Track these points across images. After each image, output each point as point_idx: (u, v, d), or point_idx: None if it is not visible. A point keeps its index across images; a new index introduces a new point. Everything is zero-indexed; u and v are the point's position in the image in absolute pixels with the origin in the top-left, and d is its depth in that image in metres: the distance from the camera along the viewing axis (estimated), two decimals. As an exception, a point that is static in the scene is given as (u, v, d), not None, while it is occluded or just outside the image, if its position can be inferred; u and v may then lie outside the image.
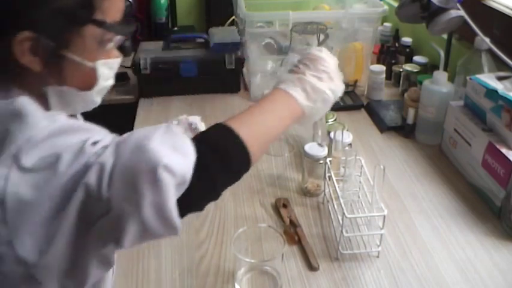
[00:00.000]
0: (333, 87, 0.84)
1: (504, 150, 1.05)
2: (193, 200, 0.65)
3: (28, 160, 0.58)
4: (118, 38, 0.73)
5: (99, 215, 0.58)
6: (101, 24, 0.68)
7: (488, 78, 1.15)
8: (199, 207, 0.68)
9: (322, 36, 1.64)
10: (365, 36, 1.62)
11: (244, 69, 1.70)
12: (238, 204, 1.13)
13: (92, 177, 0.57)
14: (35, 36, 0.64)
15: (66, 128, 0.62)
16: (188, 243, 1.01)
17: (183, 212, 0.62)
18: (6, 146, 0.59)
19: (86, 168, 0.58)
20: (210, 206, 1.11)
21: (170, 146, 0.60)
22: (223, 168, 0.66)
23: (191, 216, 1.08)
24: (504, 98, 1.06)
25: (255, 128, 0.73)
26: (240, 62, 1.63)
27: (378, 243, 0.97)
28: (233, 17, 1.85)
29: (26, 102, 0.63)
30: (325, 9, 1.79)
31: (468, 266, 0.95)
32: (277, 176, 1.23)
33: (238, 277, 0.92)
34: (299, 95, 0.80)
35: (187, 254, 0.99)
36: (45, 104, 0.70)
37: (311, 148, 1.12)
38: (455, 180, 1.21)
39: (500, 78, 1.15)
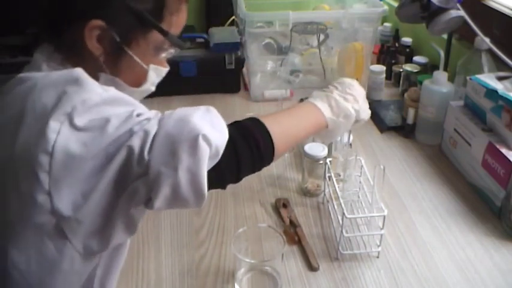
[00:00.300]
0: (357, 107, 0.94)
1: (504, 150, 1.05)
2: (219, 176, 0.71)
3: (80, 120, 0.63)
4: (172, 51, 0.82)
5: (136, 177, 0.63)
6: (165, 33, 0.76)
7: (488, 78, 1.15)
8: (223, 184, 0.75)
9: (322, 36, 1.64)
10: (365, 36, 1.62)
11: (244, 69, 1.70)
12: (238, 204, 1.13)
13: (135, 141, 0.63)
14: (106, 27, 0.72)
15: (117, 99, 0.68)
16: (188, 243, 1.01)
17: (208, 186, 0.67)
18: (62, 104, 0.64)
19: (131, 133, 0.63)
20: (210, 206, 1.12)
21: (209, 122, 0.67)
22: (250, 153, 0.74)
23: (191, 216, 1.09)
24: (504, 98, 1.06)
25: (282, 126, 0.82)
26: (240, 62, 1.63)
27: (378, 243, 0.97)
28: (233, 17, 1.85)
29: (83, 72, 0.69)
30: (325, 9, 1.79)
31: (468, 266, 0.95)
32: (277, 176, 1.23)
33: (238, 277, 0.91)
34: (324, 108, 0.90)
35: (187, 254, 0.99)
36: None
37: (311, 148, 1.12)
38: (455, 180, 1.21)
39: (500, 78, 1.15)
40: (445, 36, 1.47)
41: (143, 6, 0.73)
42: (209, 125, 0.66)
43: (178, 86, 1.60)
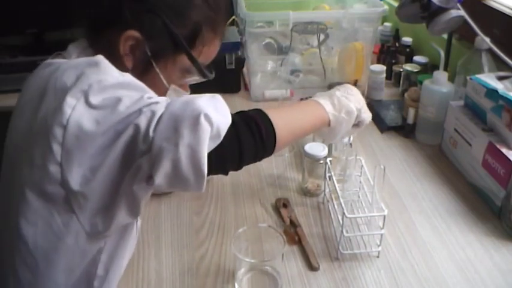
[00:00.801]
0: (358, 106, 0.96)
1: (504, 150, 1.05)
2: (220, 160, 0.73)
3: (94, 98, 0.67)
4: (196, 77, 0.87)
5: (140, 154, 0.66)
6: (193, 59, 0.81)
7: (489, 78, 1.15)
8: (224, 169, 0.77)
9: (322, 36, 1.64)
10: (365, 36, 1.62)
11: (244, 69, 1.70)
12: (238, 204, 1.13)
13: (143, 120, 0.66)
14: (141, 40, 0.77)
15: (132, 83, 0.71)
16: (188, 243, 1.01)
17: (210, 171, 0.69)
18: (80, 83, 0.68)
19: (140, 113, 0.66)
20: (210, 206, 1.12)
21: (213, 106, 0.69)
22: (253, 140, 0.76)
23: (191, 216, 1.09)
24: (504, 98, 1.06)
25: (285, 118, 0.84)
26: (240, 61, 1.63)
27: (378, 243, 0.97)
28: (233, 17, 1.85)
29: (104, 59, 0.73)
30: (325, 9, 1.79)
31: (468, 266, 0.95)
32: (277, 176, 1.23)
33: (238, 277, 0.91)
34: (327, 104, 0.92)
35: (187, 254, 0.99)
36: None
37: (311, 148, 1.12)
38: (455, 180, 1.21)
39: (500, 78, 1.15)
40: (445, 36, 1.47)
41: (180, 30, 0.79)
42: (213, 108, 0.68)
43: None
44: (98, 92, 0.67)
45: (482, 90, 1.14)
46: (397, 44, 1.77)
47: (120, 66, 0.77)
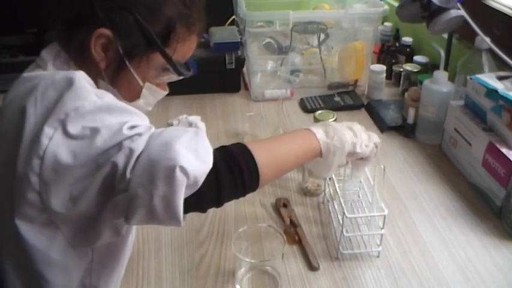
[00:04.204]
0: (354, 139, 0.89)
1: (504, 150, 1.05)
2: (198, 202, 0.70)
3: (72, 127, 0.65)
4: (173, 76, 0.84)
5: (119, 191, 0.65)
6: (167, 57, 0.78)
7: (489, 78, 1.15)
8: (202, 209, 0.74)
9: (322, 36, 1.64)
10: (365, 36, 1.62)
11: (245, 69, 1.70)
12: (238, 204, 1.13)
13: (120, 158, 0.64)
14: (112, 38, 0.74)
15: (112, 107, 0.69)
16: (188, 243, 1.01)
17: (187, 209, 0.67)
18: (57, 110, 0.66)
19: (118, 148, 0.64)
20: (210, 206, 1.11)
21: (193, 150, 0.66)
22: (233, 183, 0.72)
23: (191, 216, 1.09)
24: (504, 98, 1.06)
25: (271, 154, 0.79)
26: (240, 61, 1.63)
27: (378, 243, 0.97)
28: (233, 17, 1.85)
29: (81, 77, 0.70)
30: (326, 9, 1.79)
31: (468, 266, 0.95)
32: (278, 176, 1.23)
33: (239, 277, 0.91)
34: (318, 132, 0.86)
35: (187, 254, 0.99)
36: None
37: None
38: (455, 179, 1.21)
39: (500, 78, 1.15)
40: (445, 35, 1.47)
41: (153, 27, 0.76)
42: (192, 153, 0.65)
43: (178, 86, 1.59)
44: (76, 121, 0.66)
45: (482, 90, 1.13)
46: (397, 44, 1.77)
47: (94, 67, 0.76)
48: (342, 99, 1.58)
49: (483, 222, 1.07)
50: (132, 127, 0.67)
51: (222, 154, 0.72)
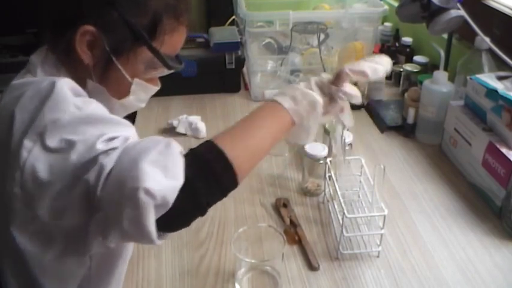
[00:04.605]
0: (320, 84, 0.84)
1: (504, 150, 1.05)
2: (178, 217, 0.67)
3: (50, 141, 0.65)
4: (163, 71, 0.81)
5: (96, 209, 0.63)
6: (154, 50, 0.75)
7: (489, 78, 1.15)
8: (185, 223, 0.69)
9: (322, 36, 1.64)
10: (365, 36, 1.62)
11: (244, 69, 1.70)
12: (238, 204, 1.13)
13: (91, 176, 0.62)
14: (97, 34, 0.72)
15: (90, 118, 0.68)
16: (188, 243, 1.01)
17: (169, 228, 0.66)
18: (36, 123, 0.66)
19: (92, 164, 0.63)
20: (210, 206, 1.11)
21: (162, 166, 0.62)
22: (210, 190, 0.68)
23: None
24: (504, 98, 1.06)
25: (244, 144, 0.73)
26: (240, 61, 1.63)
27: (378, 243, 0.97)
28: (233, 17, 1.85)
29: (64, 85, 0.69)
30: (326, 9, 1.79)
31: (468, 266, 0.95)
32: (277, 176, 1.23)
33: (239, 277, 0.91)
34: (285, 100, 0.80)
35: (187, 254, 0.99)
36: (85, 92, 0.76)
37: (311, 148, 1.12)
38: (455, 179, 1.21)
39: (500, 78, 1.15)
40: (445, 36, 1.47)
41: (138, 20, 0.73)
42: (161, 170, 0.62)
43: (178, 86, 1.60)
44: (54, 134, 0.65)
45: (482, 90, 1.13)
46: (397, 44, 1.77)
47: (82, 67, 0.75)
48: (341, 99, 1.57)
49: (483, 222, 1.07)
50: (110, 139, 0.65)
51: (192, 162, 0.66)
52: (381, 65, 0.89)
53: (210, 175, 0.67)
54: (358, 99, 0.90)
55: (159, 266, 0.96)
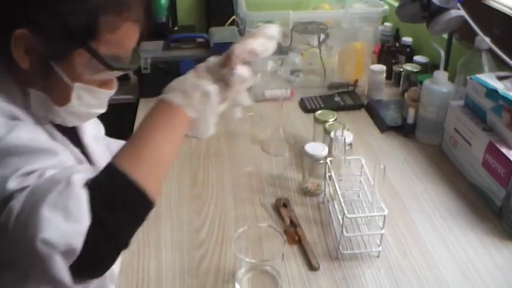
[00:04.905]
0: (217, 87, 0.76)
1: (504, 150, 1.05)
2: (97, 260, 0.61)
3: None
4: (112, 72, 0.73)
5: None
6: (93, 52, 0.69)
7: (489, 78, 1.15)
8: (108, 263, 0.63)
9: (322, 36, 1.64)
10: (365, 36, 1.62)
11: (245, 69, 1.70)
12: (238, 204, 1.13)
13: (3, 218, 0.59)
14: (32, 38, 0.67)
15: (10, 150, 0.63)
16: (188, 243, 1.01)
17: (92, 271, 0.61)
18: None
19: (3, 204, 0.59)
20: (210, 206, 1.11)
21: (63, 209, 0.58)
22: (124, 221, 0.63)
23: (191, 216, 1.09)
24: (504, 98, 1.06)
25: (147, 162, 0.67)
26: (240, 61, 1.63)
27: (378, 243, 0.97)
28: (233, 17, 1.85)
29: None
30: (326, 9, 1.79)
31: (468, 266, 0.95)
32: (277, 176, 1.23)
33: (239, 277, 0.91)
34: (178, 98, 0.72)
35: (187, 254, 0.99)
36: (28, 102, 0.72)
37: (311, 148, 1.12)
38: (455, 179, 1.21)
39: (500, 78, 1.15)
40: (445, 36, 1.47)
41: (73, 18, 0.67)
42: (61, 214, 0.57)
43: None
44: None
45: (482, 90, 1.14)
46: (397, 44, 1.76)
47: (22, 75, 0.70)
48: (342, 99, 1.58)
49: (483, 222, 1.07)
50: (25, 175, 0.61)
51: (97, 195, 0.61)
52: (271, 40, 0.82)
53: (119, 206, 0.62)
54: (250, 81, 0.83)
55: (159, 266, 0.96)
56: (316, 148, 1.12)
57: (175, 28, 2.17)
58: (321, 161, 1.11)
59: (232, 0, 1.80)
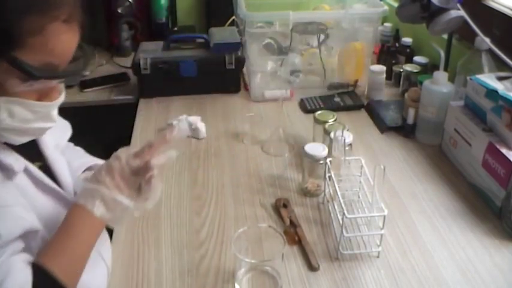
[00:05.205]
0: (134, 197, 0.78)
1: (504, 151, 1.05)
2: None
3: None
4: (49, 81, 0.68)
5: None
6: (13, 61, 0.62)
7: (489, 79, 1.15)
8: None
9: (322, 36, 1.64)
10: (365, 36, 1.62)
11: (245, 69, 1.70)
12: (238, 204, 1.13)
13: None
14: None
15: None
16: (188, 243, 1.01)
17: None
18: None
19: None
20: (210, 206, 1.11)
21: None
22: None
23: (191, 216, 1.09)
24: (504, 98, 1.06)
25: (72, 267, 0.73)
26: (240, 62, 1.63)
27: (378, 243, 0.97)
28: (233, 17, 1.85)
29: None
30: (326, 9, 1.79)
31: (468, 266, 0.95)
32: (277, 176, 1.23)
33: (238, 277, 0.91)
34: (99, 211, 0.75)
35: (187, 254, 0.99)
36: None
37: (311, 148, 1.12)
38: (455, 180, 1.21)
39: (500, 79, 1.15)
40: (445, 36, 1.48)
41: None
42: None
43: (178, 86, 1.60)
44: None
45: (482, 91, 1.14)
46: (397, 44, 1.77)
47: None
48: (341, 99, 1.58)
49: (483, 222, 1.07)
50: None
51: None
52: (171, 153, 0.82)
53: None
54: (158, 193, 0.82)
55: (159, 266, 0.96)
56: (316, 148, 1.12)
57: (175, 28, 2.17)
58: (321, 162, 1.11)
59: (232, 0, 1.80)
